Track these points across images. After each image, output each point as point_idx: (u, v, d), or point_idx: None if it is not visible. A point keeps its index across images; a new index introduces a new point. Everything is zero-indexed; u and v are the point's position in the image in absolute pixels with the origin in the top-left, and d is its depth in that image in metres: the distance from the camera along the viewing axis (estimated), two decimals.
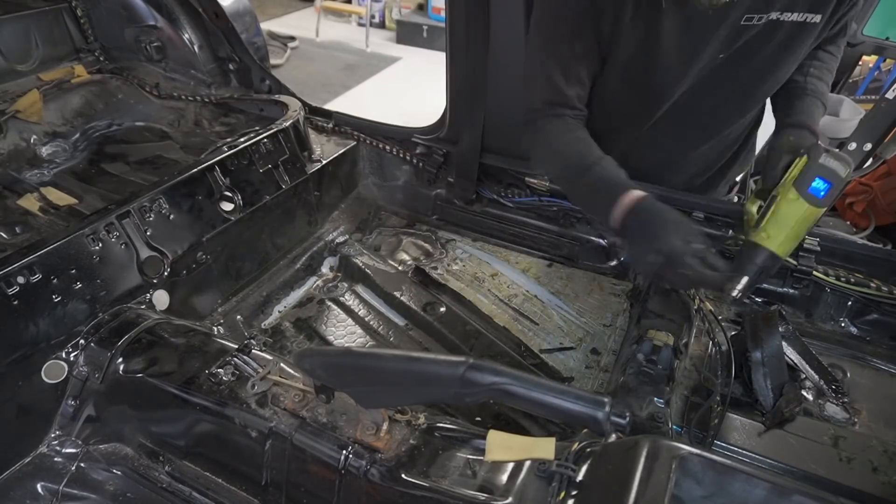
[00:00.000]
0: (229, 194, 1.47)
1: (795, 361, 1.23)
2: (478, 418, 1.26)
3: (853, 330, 1.39)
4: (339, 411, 0.97)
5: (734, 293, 1.11)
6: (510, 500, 0.82)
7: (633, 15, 1.19)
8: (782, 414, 1.12)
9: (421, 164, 1.75)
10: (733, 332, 1.29)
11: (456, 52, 1.56)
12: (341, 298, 1.60)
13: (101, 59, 2.07)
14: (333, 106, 2.21)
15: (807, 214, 1.12)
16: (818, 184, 1.10)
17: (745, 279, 1.10)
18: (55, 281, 1.11)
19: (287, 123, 1.67)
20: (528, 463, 0.86)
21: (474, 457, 0.91)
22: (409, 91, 5.64)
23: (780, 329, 1.22)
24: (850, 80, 2.92)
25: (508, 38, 1.46)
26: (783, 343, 1.22)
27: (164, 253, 1.31)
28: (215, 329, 1.39)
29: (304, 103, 1.84)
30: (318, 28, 6.75)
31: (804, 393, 1.18)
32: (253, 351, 1.09)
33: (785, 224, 1.13)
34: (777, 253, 1.13)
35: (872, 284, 1.34)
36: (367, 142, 1.80)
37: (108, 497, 1.05)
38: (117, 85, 2.03)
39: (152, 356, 1.11)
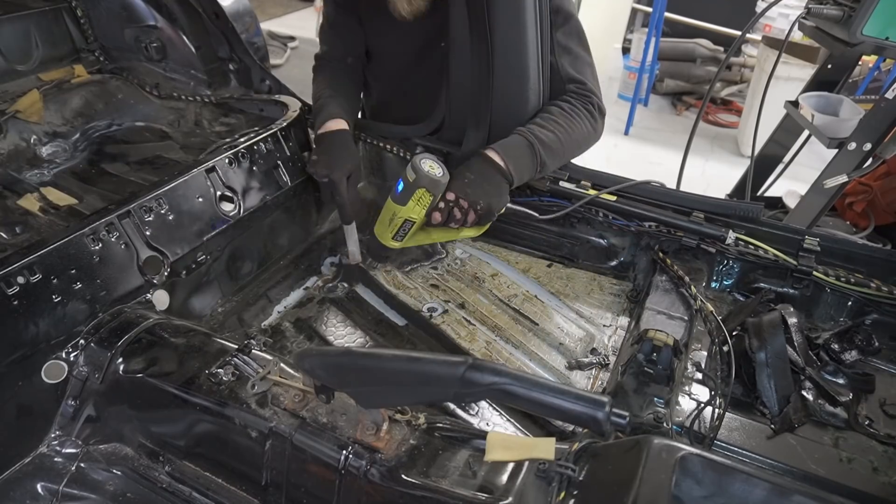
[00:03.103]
0: (229, 194, 1.47)
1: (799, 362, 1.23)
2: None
3: None
4: (339, 411, 0.97)
5: (347, 259, 1.59)
6: (510, 500, 0.82)
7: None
8: (791, 421, 1.13)
9: None
10: (734, 332, 1.30)
11: (456, 53, 1.56)
12: (341, 298, 1.60)
13: (101, 59, 2.07)
14: None
15: (388, 206, 1.42)
16: (400, 184, 1.38)
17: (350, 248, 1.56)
18: (55, 281, 1.11)
19: (287, 123, 1.67)
20: (527, 463, 0.86)
21: (474, 457, 0.91)
22: None
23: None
24: (850, 80, 2.91)
25: (509, 40, 1.46)
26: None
27: (164, 253, 1.31)
28: (215, 329, 1.39)
29: (304, 103, 1.84)
30: (318, 28, 6.73)
31: (804, 393, 1.18)
32: (253, 351, 1.09)
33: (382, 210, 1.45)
34: (375, 232, 1.49)
35: (872, 284, 1.34)
36: (367, 142, 1.80)
37: (108, 497, 1.05)
38: (117, 85, 2.03)
39: (152, 356, 1.11)
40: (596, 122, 1.58)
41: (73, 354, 1.12)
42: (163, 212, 1.32)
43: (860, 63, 3.22)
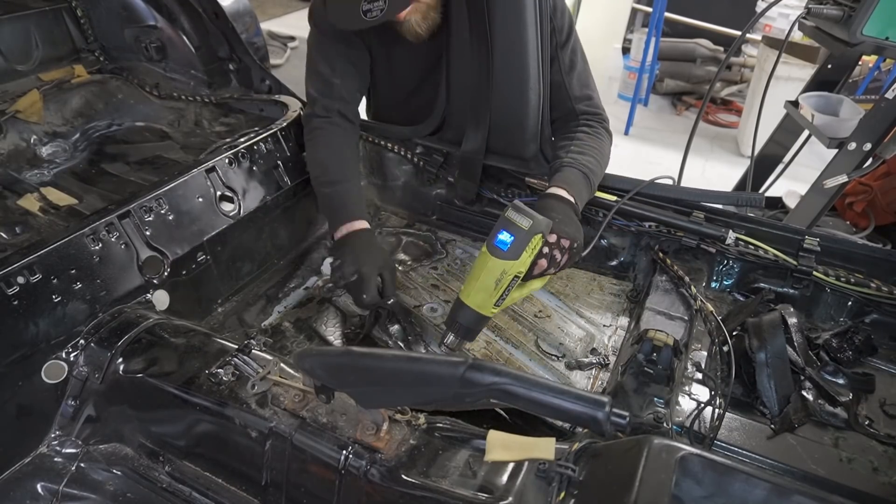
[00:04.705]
0: (229, 194, 1.47)
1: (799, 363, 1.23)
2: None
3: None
4: (339, 411, 0.97)
5: (442, 347, 1.25)
6: (510, 500, 0.82)
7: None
8: (791, 421, 1.13)
9: (421, 164, 1.75)
10: (734, 332, 1.29)
11: (455, 52, 1.56)
12: (341, 298, 1.60)
13: (101, 59, 2.07)
14: None
15: (492, 266, 1.14)
16: (503, 236, 1.14)
17: (450, 335, 1.22)
18: (55, 281, 1.11)
19: (287, 123, 1.67)
20: (527, 463, 0.86)
21: (474, 457, 0.91)
22: None
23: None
24: (850, 80, 2.91)
25: (509, 38, 1.46)
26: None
27: (164, 253, 1.31)
28: (215, 329, 1.39)
29: (305, 104, 1.84)
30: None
31: (804, 393, 1.18)
32: (253, 351, 1.09)
33: (475, 277, 1.17)
34: (470, 306, 1.18)
35: (872, 284, 1.34)
36: (368, 140, 1.80)
37: (108, 497, 1.05)
38: (117, 85, 2.03)
39: (152, 356, 1.11)
40: (610, 136, 1.60)
41: (73, 354, 1.12)
42: (163, 212, 1.32)
43: (860, 63, 3.22)
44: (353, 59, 1.58)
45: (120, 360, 1.11)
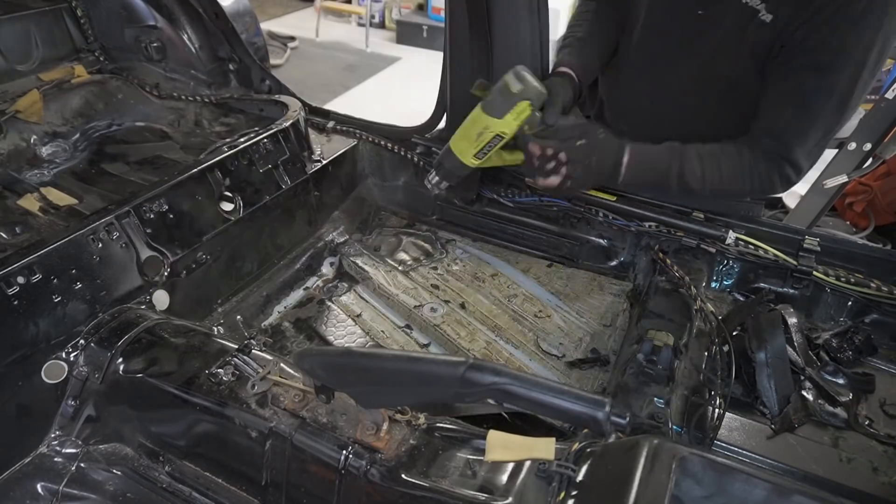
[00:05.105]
0: (229, 194, 1.47)
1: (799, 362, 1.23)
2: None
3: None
4: (339, 411, 0.97)
5: (427, 184, 1.45)
6: (510, 500, 0.82)
7: None
8: (791, 421, 1.13)
9: (421, 164, 1.75)
10: (734, 332, 1.29)
11: (456, 53, 1.56)
12: (341, 298, 1.60)
13: (101, 59, 2.07)
14: (333, 106, 2.21)
15: (477, 118, 1.29)
16: (495, 94, 1.25)
17: (433, 174, 1.42)
18: (55, 281, 1.11)
19: (287, 123, 1.67)
20: (528, 463, 0.86)
21: (474, 457, 0.91)
22: (410, 91, 5.65)
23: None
24: None
25: (509, 38, 1.46)
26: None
27: (164, 253, 1.31)
28: (215, 329, 1.39)
29: (304, 103, 1.84)
30: (318, 28, 6.75)
31: (804, 393, 1.18)
32: (253, 351, 1.09)
33: (463, 125, 1.33)
34: (453, 151, 1.35)
35: (872, 284, 1.34)
36: (368, 140, 1.80)
37: (108, 497, 1.05)
38: (117, 85, 2.03)
39: (152, 356, 1.11)
40: (781, 186, 1.33)
41: (73, 354, 1.13)
42: (163, 212, 1.32)
43: None
44: None
45: (120, 360, 1.11)
